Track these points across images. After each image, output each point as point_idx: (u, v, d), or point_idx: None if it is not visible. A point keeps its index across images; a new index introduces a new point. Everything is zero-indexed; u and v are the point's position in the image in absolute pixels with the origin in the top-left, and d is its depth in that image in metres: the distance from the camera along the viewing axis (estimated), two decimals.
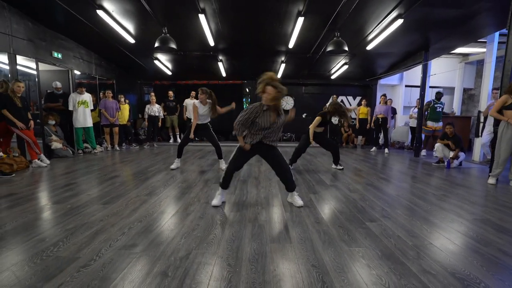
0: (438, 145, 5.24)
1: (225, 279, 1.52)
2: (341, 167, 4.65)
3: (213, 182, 3.71)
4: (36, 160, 4.56)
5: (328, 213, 2.60)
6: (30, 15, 4.77)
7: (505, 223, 2.41)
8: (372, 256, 1.79)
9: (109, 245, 1.88)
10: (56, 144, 5.44)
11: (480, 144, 5.65)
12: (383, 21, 4.68)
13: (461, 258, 1.79)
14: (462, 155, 5.08)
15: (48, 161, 4.75)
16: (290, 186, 2.82)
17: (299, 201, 2.77)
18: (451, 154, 5.10)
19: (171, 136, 8.57)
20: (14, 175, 3.91)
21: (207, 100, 4.22)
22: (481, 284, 1.51)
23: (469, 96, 9.22)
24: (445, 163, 5.03)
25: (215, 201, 2.76)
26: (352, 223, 2.37)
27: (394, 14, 4.43)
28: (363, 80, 8.89)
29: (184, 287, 1.45)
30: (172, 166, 4.51)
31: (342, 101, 9.33)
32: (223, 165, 4.46)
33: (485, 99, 5.70)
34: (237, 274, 1.57)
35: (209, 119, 4.40)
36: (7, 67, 4.48)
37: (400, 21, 4.48)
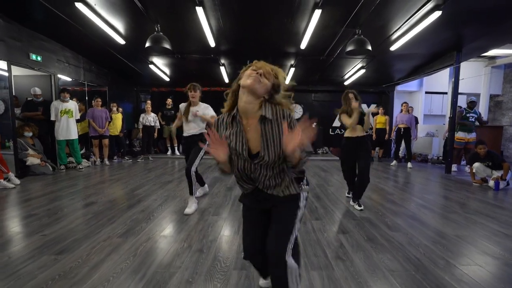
0: (477, 165, 4.40)
1: None
2: (360, 207, 3.08)
3: (211, 213, 2.92)
4: (2, 180, 3.82)
5: (375, 274, 1.78)
6: (1, 11, 4.11)
7: None
8: None
9: None
10: (33, 160, 4.70)
11: None
12: (415, 15, 3.93)
13: None
14: (509, 173, 4.24)
15: (17, 181, 4.01)
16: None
17: None
18: (494, 173, 4.28)
19: (169, 148, 7.83)
20: None
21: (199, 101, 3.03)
22: None
23: (496, 103, 8.38)
24: (491, 184, 4.19)
25: None
26: None
27: (430, 5, 3.68)
28: (379, 86, 8.11)
29: None
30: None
31: None
32: (191, 208, 2.91)
33: None
34: None
35: (203, 128, 3.06)
36: None
37: (437, 14, 3.73)
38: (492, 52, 7.17)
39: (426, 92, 8.28)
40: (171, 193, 3.71)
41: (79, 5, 3.70)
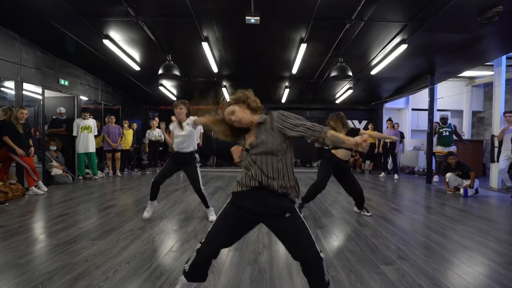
0: (449, 175, 4.95)
1: None
2: (368, 213, 3.48)
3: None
4: (33, 187, 4.44)
5: (337, 253, 2.34)
6: (40, 45, 4.90)
7: None
8: None
9: None
10: (56, 170, 5.34)
11: (496, 170, 5.34)
12: (386, 47, 4.64)
13: None
14: (476, 181, 4.77)
15: (45, 188, 4.62)
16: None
17: None
18: (464, 182, 4.81)
19: None
20: (7, 204, 3.77)
21: (187, 117, 3.06)
22: None
23: (479, 119, 8.98)
24: (461, 191, 4.71)
25: None
26: (365, 266, 2.11)
27: (397, 39, 4.39)
28: (369, 104, 8.79)
29: None
30: (145, 215, 3.20)
31: None
32: (213, 215, 3.08)
33: (498, 123, 5.48)
34: None
35: (194, 147, 3.17)
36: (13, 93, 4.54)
37: (404, 47, 4.43)
38: (471, 73, 7.89)
39: (413, 109, 8.93)
40: (178, 199, 4.29)
41: (106, 41, 4.47)
